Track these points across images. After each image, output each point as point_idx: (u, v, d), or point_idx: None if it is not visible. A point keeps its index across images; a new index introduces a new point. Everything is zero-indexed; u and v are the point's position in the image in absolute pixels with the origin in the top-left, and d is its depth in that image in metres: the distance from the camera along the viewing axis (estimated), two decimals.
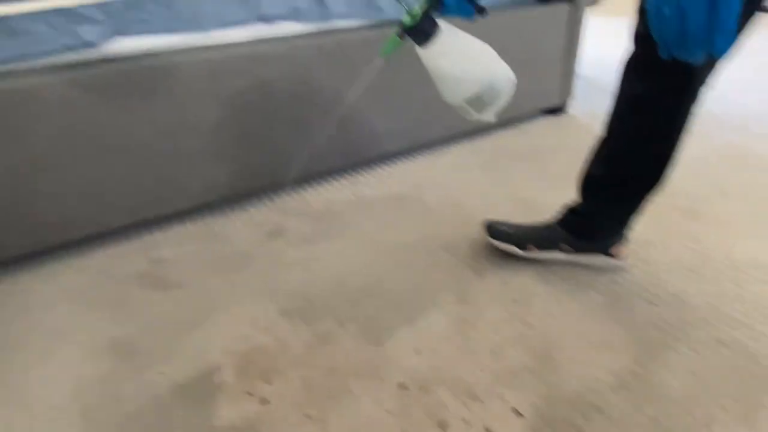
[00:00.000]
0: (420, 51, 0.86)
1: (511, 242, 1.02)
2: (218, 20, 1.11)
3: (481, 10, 0.86)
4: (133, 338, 0.88)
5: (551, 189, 1.32)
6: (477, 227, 1.16)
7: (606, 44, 2.32)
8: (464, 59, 0.87)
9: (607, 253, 0.99)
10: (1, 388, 0.79)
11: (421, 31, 0.82)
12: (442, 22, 0.86)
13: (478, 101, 0.90)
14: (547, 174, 1.41)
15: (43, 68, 0.99)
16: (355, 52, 1.27)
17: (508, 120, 1.79)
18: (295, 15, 1.20)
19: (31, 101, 0.95)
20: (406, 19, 0.82)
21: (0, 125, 0.93)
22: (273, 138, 1.24)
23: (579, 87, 1.90)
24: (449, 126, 1.57)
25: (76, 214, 1.07)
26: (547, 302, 0.91)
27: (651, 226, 1.08)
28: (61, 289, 1.02)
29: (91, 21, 0.99)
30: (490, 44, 1.40)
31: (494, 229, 1.05)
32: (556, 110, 1.88)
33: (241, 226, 1.22)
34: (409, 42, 0.84)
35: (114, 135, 1.04)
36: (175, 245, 1.15)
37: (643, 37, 0.77)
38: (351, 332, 0.86)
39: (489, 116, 0.94)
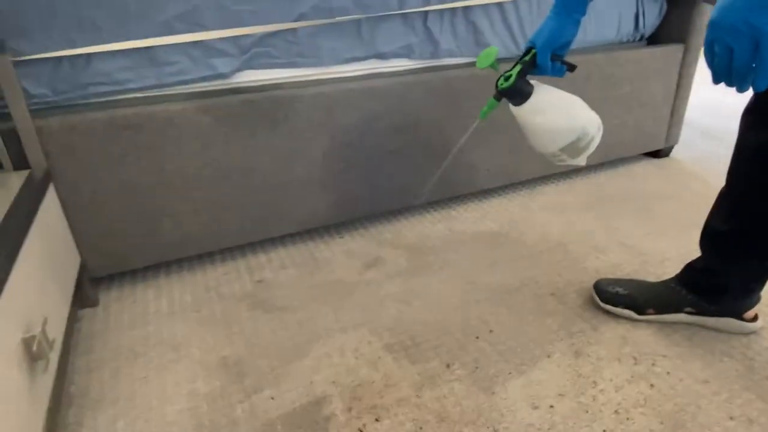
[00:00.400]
0: (514, 109, 0.91)
1: (626, 306, 0.95)
2: (337, 57, 1.16)
3: (572, 68, 0.91)
4: (242, 358, 0.90)
5: (659, 237, 1.24)
6: (583, 273, 1.10)
7: (713, 88, 2.20)
8: (558, 112, 0.92)
9: (739, 317, 0.90)
10: (124, 397, 0.83)
11: (517, 92, 0.87)
12: (535, 82, 0.91)
13: (573, 148, 0.95)
14: (654, 220, 1.32)
15: (179, 95, 1.07)
16: (462, 88, 1.28)
17: (608, 161, 1.72)
18: (407, 52, 1.23)
19: (167, 125, 1.02)
20: (502, 83, 0.87)
21: (139, 146, 1.01)
22: (375, 170, 1.26)
23: (683, 130, 1.80)
24: (546, 164, 1.53)
25: (193, 232, 1.13)
26: (674, 365, 0.84)
27: None
28: (174, 304, 1.07)
29: (224, 54, 1.06)
30: (599, 84, 1.40)
31: (606, 293, 0.98)
32: (658, 153, 1.78)
33: (340, 254, 1.23)
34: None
35: (235, 160, 1.10)
36: (278, 268, 1.18)
37: None
38: (459, 376, 0.84)
39: (581, 161, 1.00)
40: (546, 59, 0.86)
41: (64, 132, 0.95)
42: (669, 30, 1.62)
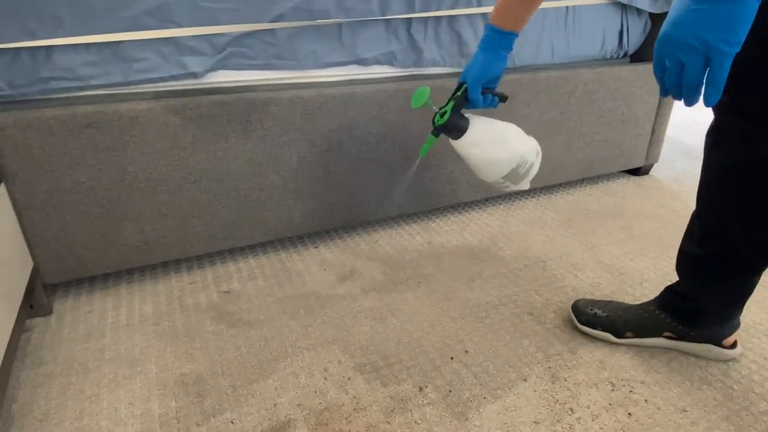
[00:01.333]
0: (453, 143, 0.95)
1: (605, 329, 0.93)
2: (316, 61, 1.11)
3: (503, 99, 0.96)
4: (203, 376, 0.84)
5: (638, 256, 1.23)
6: (561, 292, 1.08)
7: (693, 108, 2.23)
8: (495, 143, 0.95)
9: (718, 344, 0.88)
10: (71, 417, 0.77)
11: (453, 127, 0.91)
12: (468, 113, 0.94)
13: (514, 175, 0.99)
14: (633, 239, 1.31)
15: (146, 94, 1.01)
16: (445, 99, 1.25)
17: (588, 177, 1.72)
18: (390, 59, 1.20)
19: (131, 125, 0.96)
20: (438, 119, 0.91)
21: (100, 146, 0.95)
22: (352, 179, 1.22)
23: (663, 149, 1.81)
24: None
25: (157, 238, 1.07)
26: (651, 392, 0.82)
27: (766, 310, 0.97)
28: (134, 315, 1.01)
29: (197, 52, 1.01)
30: (582, 99, 1.42)
31: (584, 314, 0.95)
32: (638, 171, 1.78)
33: (313, 265, 1.18)
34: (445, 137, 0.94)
35: (205, 163, 1.05)
36: (247, 279, 1.13)
37: (722, 104, 0.70)
38: (432, 400, 0.80)
39: (525, 185, 1.04)
40: (477, 94, 0.90)
41: (19, 128, 0.89)
42: (652, 48, 1.62)
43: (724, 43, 0.52)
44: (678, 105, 2.02)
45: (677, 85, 0.56)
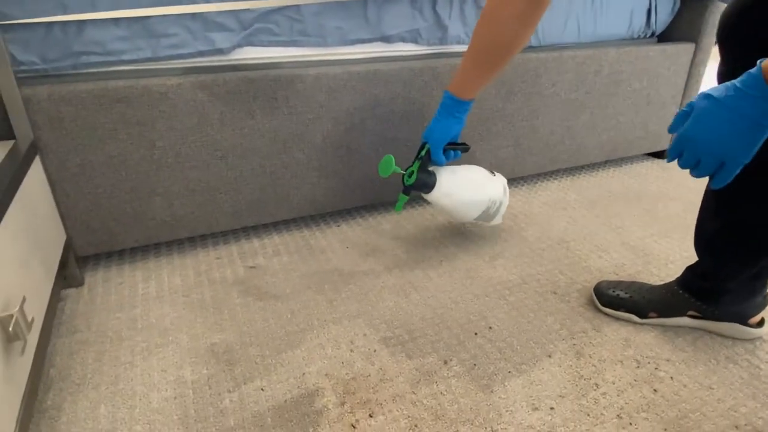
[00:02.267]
0: (426, 196, 1.03)
1: (628, 310, 0.93)
2: (342, 38, 1.11)
3: (465, 150, 1.07)
4: (232, 346, 0.86)
5: (663, 237, 1.22)
6: (586, 272, 1.08)
7: None
8: (464, 190, 1.05)
9: (744, 322, 0.88)
10: (107, 382, 0.79)
11: (422, 185, 1.00)
12: (437, 168, 1.03)
13: (486, 215, 1.10)
14: (658, 221, 1.30)
15: (174, 69, 1.02)
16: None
17: (611, 159, 1.70)
18: (414, 37, 1.19)
19: (161, 100, 0.97)
20: (407, 179, 1.00)
21: (131, 121, 0.96)
22: (375, 158, 1.22)
23: None
24: (549, 160, 1.50)
25: (185, 213, 1.08)
26: (677, 369, 0.82)
27: None
28: (163, 287, 1.03)
29: (224, 28, 1.02)
30: (607, 80, 1.44)
31: (606, 296, 0.95)
32: (662, 154, 1.76)
33: (336, 243, 1.20)
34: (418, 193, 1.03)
35: (231, 140, 1.06)
36: (271, 255, 1.14)
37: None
38: (457, 373, 0.81)
39: (498, 221, 1.16)
40: (439, 155, 1.00)
41: (52, 102, 0.90)
42: (680, 28, 1.59)
43: (744, 157, 0.58)
44: (705, 87, 1.98)
45: (688, 169, 0.63)
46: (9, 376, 0.59)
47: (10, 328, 0.59)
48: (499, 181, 1.11)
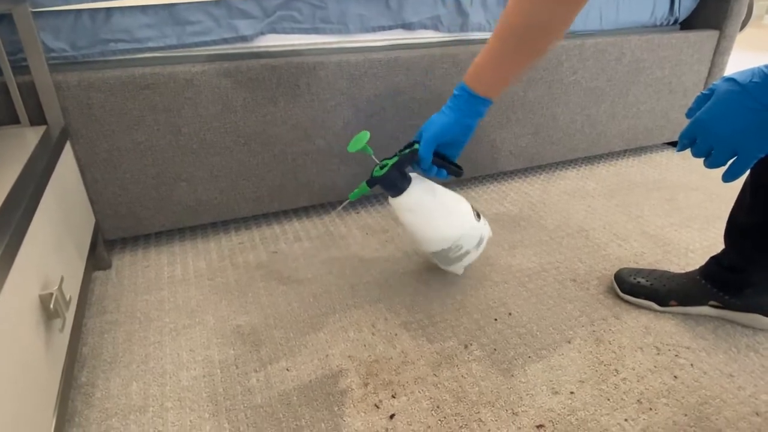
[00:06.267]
0: (390, 199, 0.88)
1: (648, 298, 0.93)
2: (363, 25, 1.11)
3: (457, 173, 0.87)
4: (257, 328, 0.89)
5: (683, 227, 1.21)
6: (605, 260, 1.08)
7: None
8: (431, 217, 0.86)
9: (766, 313, 0.87)
10: (138, 360, 0.82)
11: (390, 183, 0.84)
12: (417, 177, 0.87)
13: (443, 257, 0.91)
14: (678, 211, 1.29)
15: (199, 57, 1.04)
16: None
17: (630, 148, 1.69)
18: (435, 24, 1.19)
19: (186, 87, 0.99)
20: (377, 170, 0.86)
21: (158, 107, 0.98)
22: (395, 145, 1.23)
23: None
24: (568, 149, 1.50)
25: (208, 198, 1.10)
26: (697, 357, 0.82)
27: None
28: (188, 270, 1.05)
29: (248, 16, 1.03)
30: (629, 67, 1.37)
31: (627, 284, 0.95)
32: None
33: (356, 230, 1.21)
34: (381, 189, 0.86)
35: (254, 126, 1.07)
36: (293, 240, 1.16)
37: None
38: (477, 357, 0.82)
39: (457, 270, 0.96)
40: (428, 153, 0.81)
41: (82, 89, 0.92)
42: (704, 15, 1.56)
43: (759, 150, 0.55)
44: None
45: (700, 157, 0.61)
46: (50, 352, 0.62)
47: (51, 306, 0.61)
48: (479, 230, 0.92)
